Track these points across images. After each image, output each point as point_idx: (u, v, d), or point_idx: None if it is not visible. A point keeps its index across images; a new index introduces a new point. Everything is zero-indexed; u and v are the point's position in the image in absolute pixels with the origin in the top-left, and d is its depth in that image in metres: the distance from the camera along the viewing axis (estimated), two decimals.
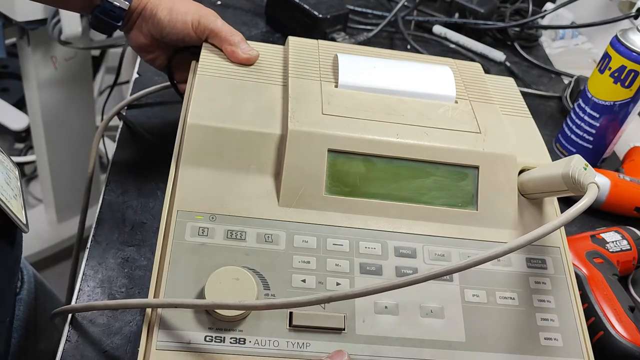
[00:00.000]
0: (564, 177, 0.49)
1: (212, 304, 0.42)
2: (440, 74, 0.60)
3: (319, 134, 0.50)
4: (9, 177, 0.47)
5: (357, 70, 0.58)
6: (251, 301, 0.42)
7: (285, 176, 0.50)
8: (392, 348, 0.45)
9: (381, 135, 0.52)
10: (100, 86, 1.83)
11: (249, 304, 0.42)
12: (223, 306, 0.42)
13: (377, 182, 0.51)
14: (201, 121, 0.51)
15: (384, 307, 0.46)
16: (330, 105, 0.54)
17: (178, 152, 0.51)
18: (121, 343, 0.52)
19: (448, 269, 0.40)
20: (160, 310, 0.43)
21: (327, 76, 0.58)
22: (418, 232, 0.51)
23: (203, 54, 0.59)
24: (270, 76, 0.58)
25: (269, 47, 0.62)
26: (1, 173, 0.45)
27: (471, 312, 0.48)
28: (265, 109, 0.53)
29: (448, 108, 0.57)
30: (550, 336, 0.48)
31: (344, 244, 0.49)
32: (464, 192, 0.53)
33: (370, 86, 0.57)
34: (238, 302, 0.42)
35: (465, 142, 0.53)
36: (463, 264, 0.40)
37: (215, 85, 0.55)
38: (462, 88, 0.60)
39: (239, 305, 0.42)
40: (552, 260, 0.52)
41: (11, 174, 0.48)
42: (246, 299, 0.43)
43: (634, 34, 0.75)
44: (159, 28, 0.62)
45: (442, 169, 0.52)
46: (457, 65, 0.64)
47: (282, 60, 0.60)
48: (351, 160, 0.51)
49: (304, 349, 0.44)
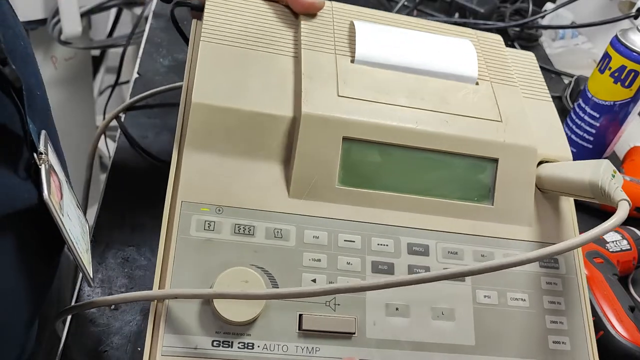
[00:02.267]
0: (591, 185, 0.46)
1: (214, 293, 0.40)
2: (462, 51, 0.56)
3: (334, 120, 0.47)
4: (84, 231, 0.48)
5: (375, 43, 0.53)
6: (255, 290, 0.41)
7: (297, 165, 0.46)
8: (403, 352, 0.44)
9: (400, 123, 0.48)
10: (100, 86, 1.83)
11: (253, 293, 0.40)
12: (225, 295, 0.41)
13: (391, 173, 0.48)
14: (206, 100, 0.46)
15: (395, 308, 0.45)
16: (347, 85, 0.50)
17: (180, 136, 0.47)
18: (121, 343, 0.52)
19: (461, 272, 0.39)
20: (165, 314, 0.41)
21: (343, 48, 0.53)
22: (431, 227, 0.49)
23: (207, 16, 0.52)
24: (280, 45, 0.52)
25: (281, 9, 0.56)
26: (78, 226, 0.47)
27: (482, 314, 0.46)
28: (276, 85, 0.49)
29: (469, 91, 0.54)
30: (559, 340, 0.47)
31: (356, 240, 0.46)
32: (480, 185, 0.50)
33: (389, 62, 0.52)
34: (241, 292, 0.40)
35: (486, 132, 0.50)
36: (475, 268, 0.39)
37: (221, 56, 0.49)
38: (484, 66, 0.56)
39: (241, 295, 0.40)
40: (565, 260, 0.50)
41: (85, 228, 0.49)
42: (250, 289, 0.41)
43: (634, 34, 0.75)
44: None
45: (460, 160, 0.50)
46: (477, 37, 0.60)
47: (295, 25, 0.55)
48: (367, 149, 0.48)
49: (313, 353, 0.42)
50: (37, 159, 0.40)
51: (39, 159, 0.40)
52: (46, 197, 0.39)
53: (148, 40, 0.91)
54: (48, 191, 0.39)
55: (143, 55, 0.88)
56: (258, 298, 0.41)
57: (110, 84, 1.39)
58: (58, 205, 0.41)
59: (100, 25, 1.65)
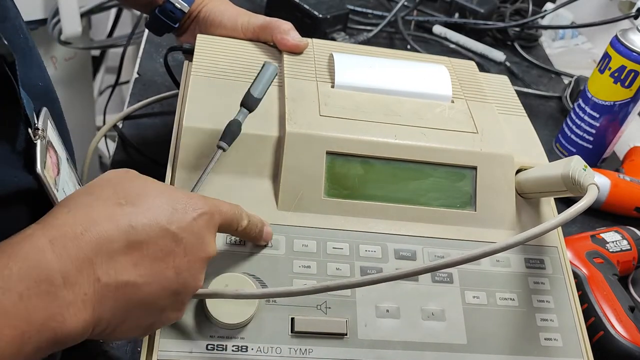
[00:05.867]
0: (563, 178, 0.49)
1: (204, 293, 0.42)
2: (436, 73, 0.60)
3: (317, 136, 0.50)
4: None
5: (353, 70, 0.57)
6: (247, 290, 0.42)
7: (284, 179, 0.49)
8: (395, 352, 0.45)
9: (379, 137, 0.52)
10: (100, 86, 1.83)
11: (244, 292, 0.42)
12: (218, 295, 0.42)
13: (375, 184, 0.51)
14: (197, 124, 0.50)
15: (385, 310, 0.46)
16: (328, 106, 0.53)
17: (174, 156, 0.51)
18: (121, 343, 0.52)
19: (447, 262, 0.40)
20: None
21: (323, 76, 0.58)
22: (417, 234, 0.51)
23: (197, 54, 0.58)
24: None
25: (264, 47, 0.62)
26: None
27: (472, 314, 0.48)
28: (262, 110, 0.52)
29: (445, 108, 0.57)
30: (550, 336, 0.48)
31: (344, 247, 0.49)
32: (462, 192, 0.53)
33: (367, 86, 0.57)
34: (234, 291, 0.42)
35: (463, 143, 0.53)
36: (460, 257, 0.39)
37: (210, 86, 0.54)
38: (458, 87, 0.60)
39: (234, 294, 0.42)
40: (551, 260, 0.52)
41: None
42: (243, 289, 0.43)
43: (634, 34, 0.75)
44: (209, 31, 0.65)
45: (440, 169, 0.52)
46: (452, 63, 0.64)
47: (278, 60, 0.60)
48: (349, 162, 0.51)
49: (306, 355, 0.44)
50: (32, 133, 0.40)
51: (34, 134, 0.40)
52: (39, 171, 0.39)
53: (148, 40, 0.91)
54: (42, 166, 0.40)
55: (143, 55, 0.88)
56: (249, 297, 0.43)
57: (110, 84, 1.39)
58: (53, 180, 0.42)
59: (100, 25, 1.66)
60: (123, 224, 0.35)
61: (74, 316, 0.33)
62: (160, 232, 0.36)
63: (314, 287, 0.41)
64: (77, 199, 0.37)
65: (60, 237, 0.33)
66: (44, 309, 0.32)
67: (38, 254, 0.32)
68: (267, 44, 0.62)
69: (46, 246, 0.33)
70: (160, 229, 0.36)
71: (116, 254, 0.35)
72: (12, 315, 0.31)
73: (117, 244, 0.35)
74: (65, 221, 0.35)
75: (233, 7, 0.66)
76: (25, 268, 0.32)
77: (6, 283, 0.31)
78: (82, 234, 0.34)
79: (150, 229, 0.36)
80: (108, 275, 0.34)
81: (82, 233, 0.34)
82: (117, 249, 0.35)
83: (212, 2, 0.67)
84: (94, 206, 0.36)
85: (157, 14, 0.67)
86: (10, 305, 0.31)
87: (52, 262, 0.33)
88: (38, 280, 0.32)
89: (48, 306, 0.32)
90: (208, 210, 0.39)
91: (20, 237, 0.34)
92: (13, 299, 0.31)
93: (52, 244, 0.33)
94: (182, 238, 0.37)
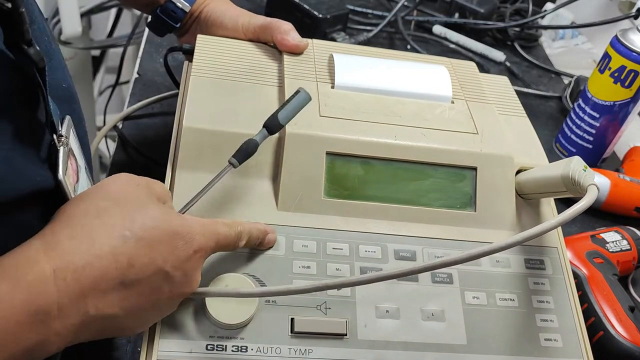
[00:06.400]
0: (563, 178, 0.49)
1: (204, 292, 0.42)
2: (436, 74, 0.60)
3: (317, 137, 0.50)
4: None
5: (353, 71, 0.57)
6: (246, 289, 0.42)
7: (284, 180, 0.49)
8: (395, 352, 0.45)
9: (379, 137, 0.52)
10: (100, 86, 1.83)
11: (244, 291, 0.42)
12: (217, 294, 0.42)
13: (375, 184, 0.51)
14: (197, 124, 0.50)
15: (385, 311, 0.46)
16: (328, 107, 0.53)
17: (174, 156, 0.51)
18: (121, 343, 0.52)
19: (445, 261, 0.40)
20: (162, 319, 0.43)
21: (323, 77, 0.58)
22: (417, 234, 0.51)
23: (197, 54, 0.58)
24: (265, 77, 0.58)
25: (264, 48, 0.62)
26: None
27: (472, 315, 0.48)
28: (262, 111, 0.52)
29: (445, 108, 0.57)
30: (550, 337, 0.48)
31: (344, 247, 0.49)
32: (462, 193, 0.53)
33: (367, 87, 0.57)
34: (233, 290, 0.42)
35: (463, 143, 0.53)
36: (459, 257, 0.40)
37: (210, 87, 0.54)
38: (458, 88, 0.60)
39: (233, 293, 0.42)
40: (550, 261, 0.52)
41: None
42: (241, 288, 0.43)
43: (634, 34, 0.75)
44: (210, 31, 0.65)
45: (440, 170, 0.52)
46: (452, 64, 0.64)
47: (278, 61, 0.60)
48: (349, 163, 0.51)
49: (306, 355, 0.44)
50: (57, 140, 0.41)
51: (58, 141, 0.41)
52: (61, 177, 0.40)
53: (148, 40, 0.91)
54: (64, 172, 0.41)
55: (143, 55, 0.88)
56: (249, 296, 0.43)
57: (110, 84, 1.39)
58: (72, 187, 0.43)
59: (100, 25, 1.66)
60: (123, 262, 0.36)
61: (57, 342, 0.34)
62: (154, 271, 0.37)
63: (313, 285, 0.41)
64: (83, 221, 0.37)
65: (63, 269, 0.34)
66: (35, 336, 0.33)
67: (41, 285, 0.33)
68: (267, 44, 0.62)
69: (49, 277, 0.34)
70: (155, 269, 0.37)
71: (109, 291, 0.36)
72: (6, 341, 0.32)
73: (112, 282, 0.36)
74: (70, 249, 0.35)
75: (234, 7, 0.67)
76: (27, 301, 0.33)
77: (7, 311, 0.32)
78: (83, 268, 0.35)
79: (147, 269, 0.37)
80: (96, 309, 0.35)
81: (83, 267, 0.35)
82: (112, 286, 0.36)
83: (213, 2, 0.67)
84: (98, 235, 0.36)
85: (158, 14, 0.67)
86: (9, 332, 0.32)
87: (52, 294, 0.33)
88: (37, 312, 0.33)
89: (39, 333, 0.33)
90: (205, 245, 0.40)
91: (24, 260, 0.34)
92: (11, 327, 0.32)
93: (55, 276, 0.34)
94: (173, 276, 0.38)
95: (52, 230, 0.36)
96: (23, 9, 0.35)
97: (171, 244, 0.38)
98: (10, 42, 0.36)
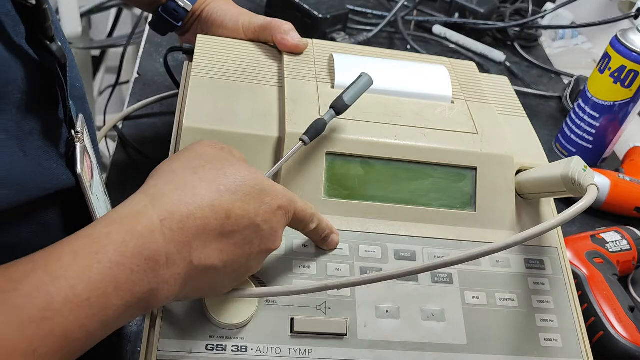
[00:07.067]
0: (563, 178, 0.49)
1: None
2: (436, 74, 0.60)
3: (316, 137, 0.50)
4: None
5: (353, 71, 0.57)
6: (247, 289, 0.43)
7: (284, 180, 0.50)
8: (394, 352, 0.45)
9: (379, 137, 0.52)
10: (100, 86, 1.83)
11: (244, 291, 0.42)
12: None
13: (375, 184, 0.51)
14: (197, 124, 0.50)
15: (385, 311, 0.46)
16: (327, 107, 0.53)
17: None
18: (121, 343, 0.52)
19: (445, 261, 0.40)
20: (161, 319, 0.43)
21: (323, 76, 0.58)
22: (417, 234, 0.51)
23: (197, 54, 0.58)
24: (265, 77, 0.58)
25: (264, 48, 0.62)
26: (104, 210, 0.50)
27: (472, 315, 0.48)
28: (262, 111, 0.53)
29: (445, 108, 0.57)
30: (550, 337, 0.48)
31: (344, 247, 0.49)
32: (462, 193, 0.53)
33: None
34: (232, 290, 0.42)
35: (463, 143, 0.53)
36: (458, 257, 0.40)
37: (210, 87, 0.54)
38: (458, 88, 0.60)
39: (233, 293, 0.42)
40: (550, 261, 0.52)
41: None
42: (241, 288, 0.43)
43: (634, 34, 0.75)
44: (211, 30, 0.66)
45: (440, 170, 0.52)
46: (452, 64, 0.64)
47: (278, 61, 0.60)
48: (349, 163, 0.51)
49: (306, 355, 0.44)
50: (75, 136, 0.43)
51: (76, 137, 0.43)
52: (79, 172, 0.42)
53: (148, 40, 0.91)
54: (81, 167, 0.42)
55: (143, 55, 0.88)
56: (249, 296, 0.43)
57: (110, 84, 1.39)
58: (89, 183, 0.44)
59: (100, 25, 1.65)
60: (221, 213, 0.38)
61: (166, 291, 0.36)
62: (248, 224, 0.39)
63: (313, 285, 0.41)
64: (182, 175, 0.39)
65: (169, 218, 0.36)
66: (147, 284, 0.35)
67: (151, 234, 0.35)
68: (268, 44, 0.62)
69: (157, 226, 0.35)
70: (248, 221, 0.39)
71: (209, 240, 0.37)
72: (122, 288, 0.34)
73: (212, 232, 0.37)
74: (174, 201, 0.37)
75: (235, 6, 0.67)
76: (139, 247, 0.34)
77: (122, 258, 0.34)
78: (187, 218, 0.36)
79: (242, 221, 0.39)
80: (199, 259, 0.37)
81: (187, 217, 0.36)
82: (212, 236, 0.37)
83: (214, 1, 0.67)
84: (199, 188, 0.38)
85: (160, 13, 0.67)
86: (123, 279, 0.34)
87: (160, 243, 0.35)
88: (148, 259, 0.35)
89: (150, 282, 0.35)
90: (287, 205, 0.42)
91: (133, 210, 0.36)
92: (126, 273, 0.34)
93: (162, 224, 0.36)
94: (262, 230, 0.40)
95: (155, 185, 0.38)
96: (47, 6, 0.36)
97: (259, 199, 0.40)
98: (32, 38, 0.37)
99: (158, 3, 0.67)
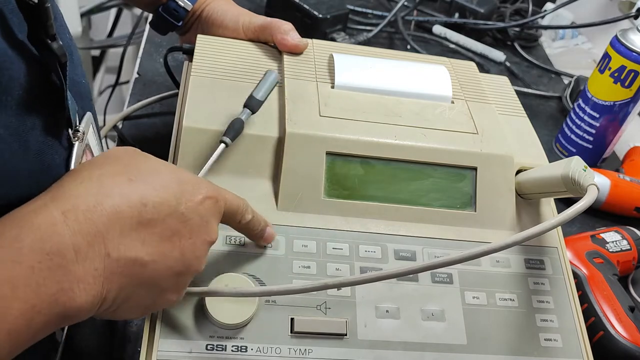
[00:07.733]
0: (563, 178, 0.49)
1: (203, 291, 0.42)
2: (436, 74, 0.60)
3: (317, 137, 0.50)
4: None
5: (353, 71, 0.57)
6: (247, 289, 0.42)
7: (284, 180, 0.50)
8: (394, 352, 0.45)
9: (379, 137, 0.52)
10: (100, 86, 1.83)
11: (244, 291, 0.42)
12: (217, 293, 0.42)
13: (375, 184, 0.51)
14: (197, 124, 0.50)
15: (385, 311, 0.46)
16: (328, 107, 0.53)
17: (174, 156, 0.51)
18: (121, 343, 0.52)
19: (444, 261, 0.40)
20: (161, 319, 0.43)
21: (323, 76, 0.58)
22: (417, 234, 0.51)
23: (197, 54, 0.58)
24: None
25: (264, 48, 0.62)
26: None
27: (472, 315, 0.48)
28: (262, 111, 0.53)
29: (445, 108, 0.57)
30: (550, 337, 0.48)
31: (344, 247, 0.49)
32: (462, 193, 0.53)
33: (367, 86, 0.57)
34: (232, 290, 0.42)
35: (463, 143, 0.53)
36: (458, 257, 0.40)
37: (210, 87, 0.54)
38: (458, 88, 0.60)
39: (233, 293, 0.42)
40: (550, 261, 0.52)
41: None
42: (241, 287, 0.43)
43: (634, 34, 0.75)
44: (211, 30, 0.66)
45: (440, 170, 0.52)
46: (452, 64, 0.64)
47: (278, 61, 0.60)
48: (349, 163, 0.51)
49: (306, 355, 0.44)
50: (72, 135, 0.41)
51: (74, 135, 0.41)
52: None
53: (148, 40, 0.91)
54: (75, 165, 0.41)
55: (143, 55, 0.88)
56: (249, 296, 0.43)
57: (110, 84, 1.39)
58: None
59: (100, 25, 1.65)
60: (135, 200, 0.35)
61: (83, 291, 0.33)
62: (169, 212, 0.36)
63: (313, 285, 0.41)
64: (88, 172, 0.36)
65: (72, 210, 0.33)
66: (55, 283, 0.31)
67: (50, 226, 0.32)
68: (267, 44, 0.62)
69: (59, 218, 0.32)
70: (169, 209, 0.37)
71: (126, 230, 0.35)
72: (22, 289, 0.30)
73: (128, 220, 0.35)
74: (78, 193, 0.34)
75: (235, 6, 0.67)
76: (37, 240, 0.31)
77: (17, 256, 0.31)
78: (94, 207, 0.34)
79: (161, 208, 0.36)
80: (118, 251, 0.34)
81: (94, 206, 0.34)
82: (128, 225, 0.35)
83: (215, 1, 0.67)
84: (105, 180, 0.35)
85: (160, 13, 0.67)
86: (22, 279, 0.30)
87: (64, 235, 0.32)
88: (50, 253, 0.31)
89: (59, 280, 0.32)
90: (214, 194, 0.40)
91: (31, 208, 0.33)
92: (24, 272, 0.30)
93: (65, 217, 0.33)
94: (189, 219, 0.37)
95: (58, 184, 0.36)
96: (49, 4, 0.35)
97: (179, 187, 0.38)
98: (34, 36, 0.36)
99: (158, 3, 0.67)
